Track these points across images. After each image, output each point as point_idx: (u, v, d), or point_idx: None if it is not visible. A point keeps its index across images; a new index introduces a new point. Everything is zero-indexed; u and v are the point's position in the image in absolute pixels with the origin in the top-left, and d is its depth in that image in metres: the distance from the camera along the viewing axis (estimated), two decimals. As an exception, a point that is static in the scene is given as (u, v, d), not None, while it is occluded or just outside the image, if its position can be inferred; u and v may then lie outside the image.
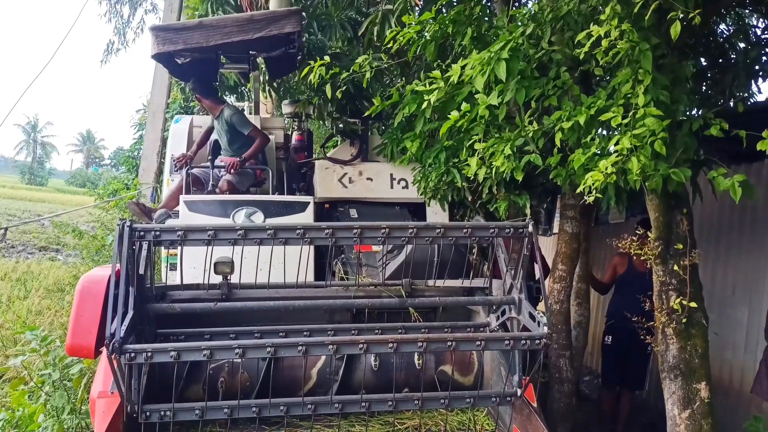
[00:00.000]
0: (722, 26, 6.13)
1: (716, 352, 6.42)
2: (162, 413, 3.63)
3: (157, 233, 3.75)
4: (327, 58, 5.58)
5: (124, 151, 23.05)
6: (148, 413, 3.61)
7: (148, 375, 3.92)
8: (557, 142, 4.48)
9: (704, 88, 5.79)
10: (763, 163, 6.33)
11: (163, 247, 6.04)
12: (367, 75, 5.55)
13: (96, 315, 3.86)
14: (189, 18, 9.33)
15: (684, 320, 4.38)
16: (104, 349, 3.30)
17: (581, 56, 4.12)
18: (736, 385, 6.85)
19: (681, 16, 3.73)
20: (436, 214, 6.84)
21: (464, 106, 4.72)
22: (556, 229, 6.45)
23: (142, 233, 3.71)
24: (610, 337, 7.11)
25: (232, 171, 6.90)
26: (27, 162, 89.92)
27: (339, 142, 7.78)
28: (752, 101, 5.96)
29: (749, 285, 6.69)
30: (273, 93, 9.48)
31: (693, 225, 4.53)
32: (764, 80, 5.64)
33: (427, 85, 4.96)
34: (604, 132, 4.60)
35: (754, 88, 5.79)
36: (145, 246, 3.87)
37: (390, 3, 6.56)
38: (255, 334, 4.24)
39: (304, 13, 6.88)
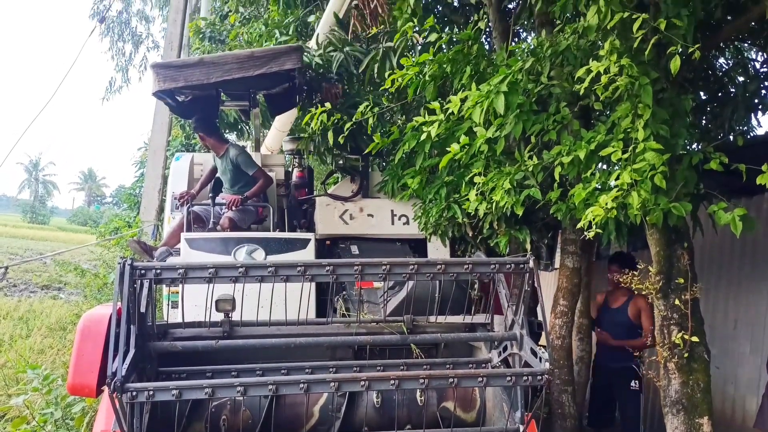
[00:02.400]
0: (721, 60, 6.17)
1: (718, 387, 6.38)
2: None
3: (158, 271, 3.76)
4: (328, 105, 5.63)
5: (126, 188, 23.11)
6: None
7: (151, 413, 3.90)
8: (557, 177, 4.50)
9: (704, 121, 5.82)
10: (763, 196, 6.33)
11: (164, 285, 6.05)
12: (371, 121, 5.61)
13: (97, 354, 3.86)
14: None
15: (686, 355, 4.37)
16: (106, 388, 3.29)
17: (581, 91, 4.16)
18: (738, 420, 6.78)
19: (680, 50, 3.78)
20: (438, 250, 6.83)
21: (463, 139, 4.75)
22: (557, 264, 6.42)
23: (143, 271, 3.72)
24: (592, 377, 6.87)
25: (233, 208, 6.91)
26: (29, 201, 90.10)
27: (340, 179, 7.80)
28: (752, 135, 5.99)
29: (750, 319, 6.66)
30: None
31: (694, 259, 4.53)
32: (764, 114, 5.67)
33: (427, 117, 5.01)
34: (604, 166, 4.62)
35: (753, 121, 5.82)
36: (146, 284, 3.88)
37: (390, 41, 6.62)
38: (257, 372, 4.24)
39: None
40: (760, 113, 5.69)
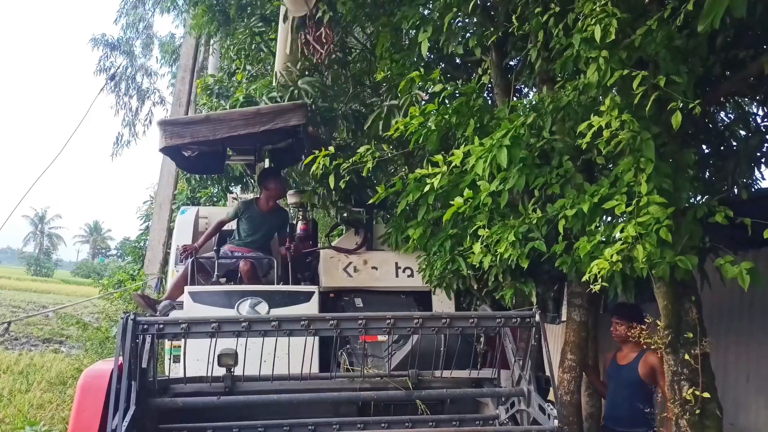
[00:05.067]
0: (722, 114, 6.19)
1: (733, 443, 6.24)
2: None
3: (161, 326, 3.76)
4: (331, 149, 5.65)
5: (131, 241, 23.17)
6: None
7: None
8: (561, 230, 4.49)
9: (707, 175, 5.81)
10: (768, 248, 6.29)
11: (170, 340, 6.00)
12: (369, 164, 5.61)
13: (97, 411, 3.84)
14: None
15: (697, 411, 4.28)
16: (105, 446, 3.26)
17: (583, 146, 4.18)
18: (754, 477, 6.61)
19: (681, 105, 3.80)
20: (442, 303, 6.77)
21: (467, 192, 4.76)
22: (564, 317, 6.32)
23: (145, 326, 3.71)
24: None
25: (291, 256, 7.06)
26: (34, 253, 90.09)
27: (344, 231, 7.79)
28: (756, 188, 5.98)
29: (763, 372, 6.55)
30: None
31: (702, 313, 4.48)
32: (767, 167, 5.65)
33: (430, 169, 5.02)
34: (609, 218, 4.61)
35: (757, 174, 5.81)
36: (148, 339, 3.86)
37: (395, 98, 6.69)
38: (258, 429, 4.19)
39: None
40: (763, 167, 5.67)
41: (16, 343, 16.15)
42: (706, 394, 4.25)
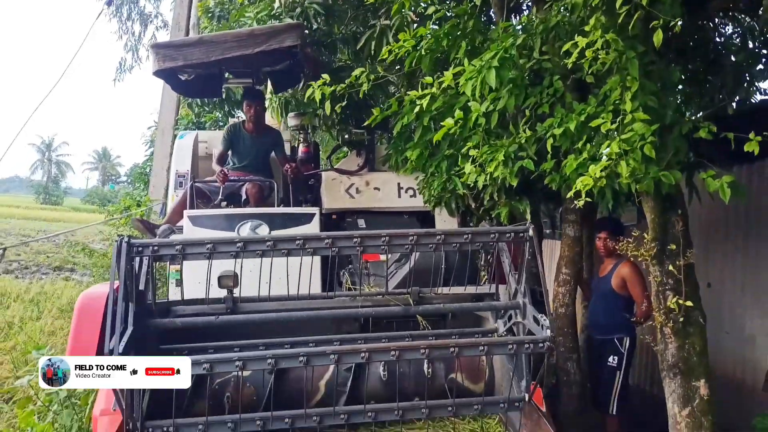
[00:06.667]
0: (729, 28, 6.12)
1: (729, 351, 6.38)
2: (164, 429, 3.65)
3: (156, 248, 3.80)
4: (326, 77, 5.63)
5: (139, 167, 23.07)
6: (150, 430, 3.64)
7: (151, 392, 3.92)
8: (549, 149, 4.53)
9: (699, 90, 5.79)
10: (765, 162, 6.30)
11: (169, 264, 6.08)
12: (364, 87, 5.60)
13: (95, 332, 3.91)
14: None
15: (681, 319, 4.41)
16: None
17: (569, 65, 4.18)
18: (749, 383, 6.77)
19: (662, 24, 3.78)
20: (445, 222, 6.82)
21: (458, 113, 4.78)
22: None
23: (140, 249, 3.76)
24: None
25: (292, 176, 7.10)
26: (42, 181, 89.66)
27: (349, 154, 7.79)
28: (753, 100, 5.96)
29: (758, 283, 6.65)
30: (280, 107, 9.49)
31: (688, 225, 4.56)
32: (751, 86, 5.65)
33: (421, 91, 5.03)
34: (603, 132, 4.64)
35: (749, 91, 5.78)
36: (145, 261, 3.92)
37: (387, 19, 6.62)
38: (259, 347, 4.25)
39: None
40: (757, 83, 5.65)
41: (27, 272, 16.24)
42: (690, 303, 4.36)
